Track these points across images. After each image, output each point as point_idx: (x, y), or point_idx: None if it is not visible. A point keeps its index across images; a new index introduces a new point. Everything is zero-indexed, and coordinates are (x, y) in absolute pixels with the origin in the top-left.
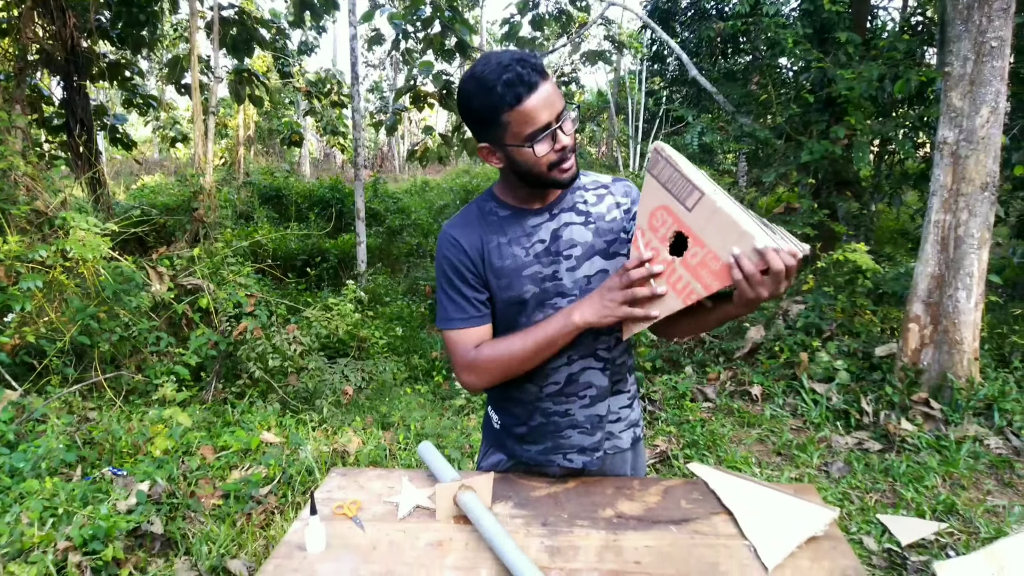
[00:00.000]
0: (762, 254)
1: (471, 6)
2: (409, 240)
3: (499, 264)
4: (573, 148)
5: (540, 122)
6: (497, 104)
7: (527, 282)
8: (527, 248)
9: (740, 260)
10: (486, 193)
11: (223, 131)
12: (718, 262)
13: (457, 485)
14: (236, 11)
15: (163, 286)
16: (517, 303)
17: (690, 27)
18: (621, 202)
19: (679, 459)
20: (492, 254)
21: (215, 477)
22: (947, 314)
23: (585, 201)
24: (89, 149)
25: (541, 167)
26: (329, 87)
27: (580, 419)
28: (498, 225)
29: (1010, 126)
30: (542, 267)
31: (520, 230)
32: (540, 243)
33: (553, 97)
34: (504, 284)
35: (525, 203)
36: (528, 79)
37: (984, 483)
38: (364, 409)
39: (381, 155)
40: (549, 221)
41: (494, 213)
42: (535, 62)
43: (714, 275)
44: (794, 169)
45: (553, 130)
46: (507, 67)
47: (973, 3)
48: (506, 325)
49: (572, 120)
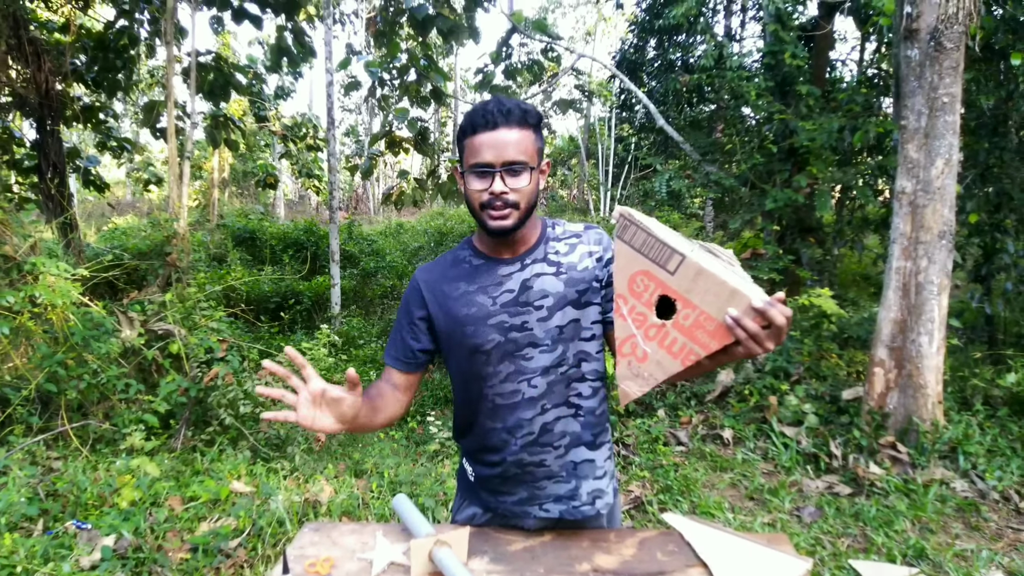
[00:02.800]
0: (762, 312)
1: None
2: (384, 282)
3: (464, 312)
4: (513, 203)
5: (481, 158)
6: (462, 130)
7: (492, 331)
8: (494, 297)
9: (741, 321)
10: (465, 241)
11: (198, 173)
12: (713, 322)
13: (432, 540)
14: (213, 57)
15: (133, 332)
16: (480, 352)
17: (657, 77)
18: (593, 251)
19: (653, 505)
20: (456, 303)
21: (183, 529)
22: (911, 358)
23: (556, 252)
24: (61, 192)
25: (474, 202)
26: (305, 131)
27: (555, 468)
28: (468, 273)
29: (963, 175)
30: (508, 316)
31: (489, 279)
32: (508, 293)
33: (509, 145)
34: (469, 332)
35: (496, 252)
36: (489, 118)
37: (952, 527)
38: (336, 456)
39: (356, 197)
40: (520, 271)
41: (467, 261)
42: (510, 108)
43: (711, 335)
44: (759, 215)
45: (493, 172)
46: (485, 105)
47: (925, 61)
48: (473, 375)
49: (526, 176)
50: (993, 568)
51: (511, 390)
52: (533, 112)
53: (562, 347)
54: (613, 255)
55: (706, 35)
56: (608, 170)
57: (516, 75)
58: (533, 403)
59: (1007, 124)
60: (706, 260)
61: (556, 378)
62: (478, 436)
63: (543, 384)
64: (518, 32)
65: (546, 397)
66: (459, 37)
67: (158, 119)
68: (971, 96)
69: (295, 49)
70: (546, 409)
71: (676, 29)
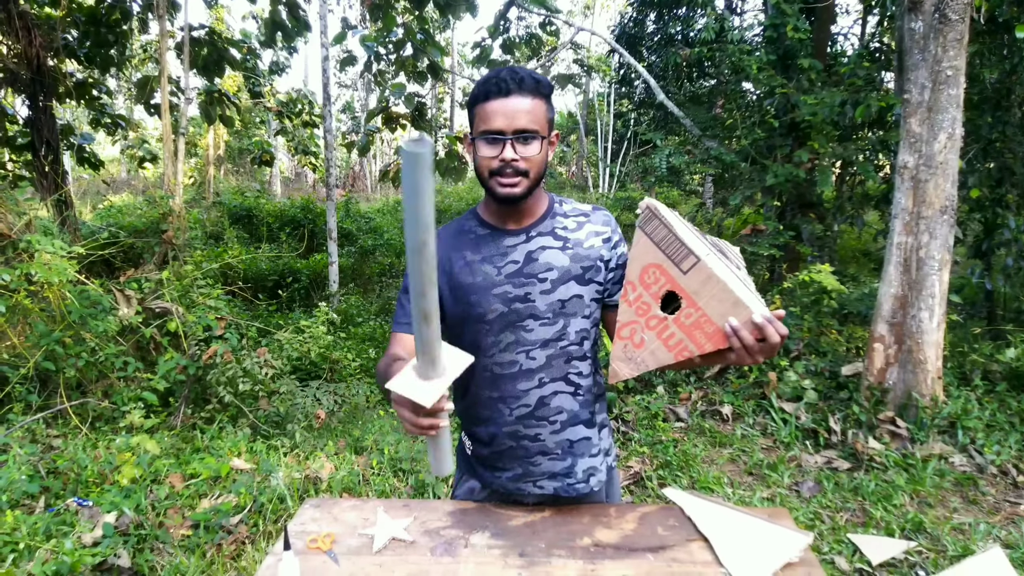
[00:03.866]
0: (760, 328)
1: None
2: (382, 260)
3: (468, 281)
4: (523, 171)
5: (493, 125)
6: (474, 97)
7: (495, 300)
8: (499, 267)
9: (739, 332)
10: (470, 211)
11: (193, 150)
12: (713, 326)
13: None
14: (207, 32)
15: (131, 310)
16: (483, 321)
17: (657, 52)
18: (600, 231)
19: (653, 480)
20: (460, 272)
21: (184, 506)
22: (911, 334)
23: (564, 227)
24: (55, 170)
25: (483, 169)
26: (300, 107)
27: (550, 445)
28: (473, 242)
29: (966, 150)
30: (512, 287)
31: (494, 248)
32: (513, 264)
33: (520, 113)
34: (473, 301)
35: (502, 222)
36: (503, 86)
37: (950, 501)
38: (337, 433)
39: (353, 174)
40: (525, 243)
41: (472, 231)
42: (523, 76)
43: (708, 337)
44: (759, 191)
45: (503, 139)
46: (498, 73)
47: (929, 33)
48: (471, 342)
49: (536, 145)
50: (990, 541)
51: (509, 360)
52: (545, 82)
53: (563, 321)
54: (620, 237)
55: (707, 8)
56: (607, 146)
57: (514, 49)
58: (530, 375)
59: (1010, 98)
60: (718, 266)
61: (555, 352)
62: (472, 405)
63: (542, 357)
64: (516, 5)
65: (544, 370)
66: (456, 10)
67: (152, 95)
68: (974, 69)
69: (290, 23)
70: (544, 383)
71: (676, 2)
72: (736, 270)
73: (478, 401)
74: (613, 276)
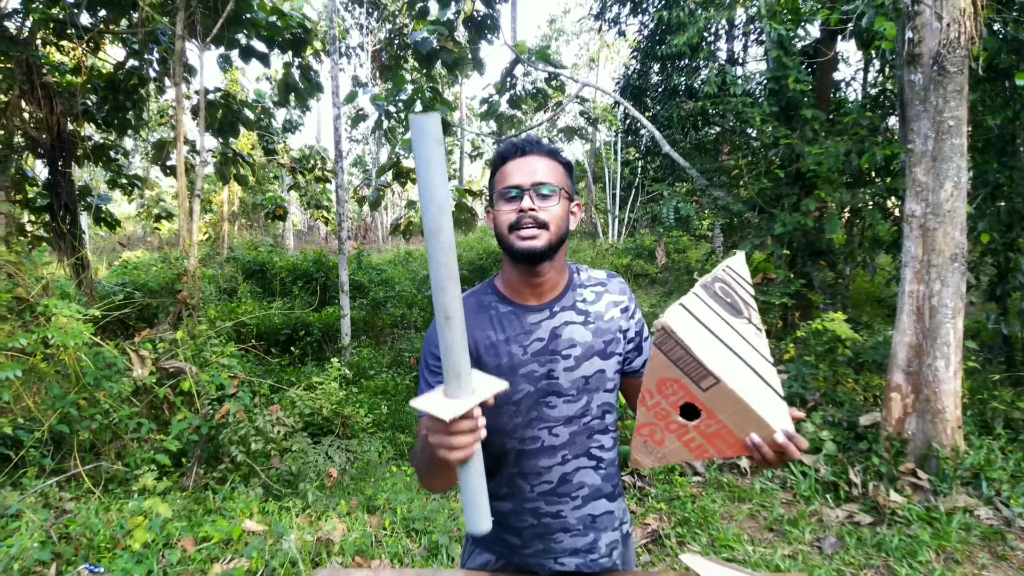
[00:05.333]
0: (782, 446)
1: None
2: (393, 311)
3: (494, 363)
4: (542, 222)
5: (511, 182)
6: (493, 165)
7: (523, 381)
8: (525, 347)
9: (760, 448)
10: (486, 284)
11: (207, 206)
12: (733, 437)
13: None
14: (221, 95)
15: (145, 370)
16: (512, 403)
17: (661, 103)
18: (618, 300)
19: (671, 539)
20: (486, 353)
21: (196, 571)
22: (927, 383)
23: (584, 300)
24: (72, 231)
25: (502, 227)
26: (313, 163)
27: (572, 521)
28: (497, 321)
29: (973, 195)
30: (538, 366)
31: (519, 327)
32: (538, 341)
33: (538, 169)
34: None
35: (523, 298)
36: (520, 146)
37: (978, 556)
38: (349, 491)
39: (364, 226)
40: (549, 319)
41: (493, 308)
42: (539, 140)
43: (728, 446)
44: (768, 239)
45: (522, 192)
46: (513, 142)
47: (929, 85)
48: (499, 426)
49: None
50: None
51: (531, 436)
52: (564, 155)
53: (586, 397)
54: (636, 305)
55: (709, 61)
56: (615, 194)
57: (521, 103)
58: (553, 452)
59: (1015, 143)
60: (738, 383)
61: (579, 428)
62: (494, 483)
63: (565, 434)
64: (521, 62)
65: (567, 447)
66: (463, 69)
67: (168, 156)
68: (977, 116)
69: (302, 84)
70: (566, 460)
71: (679, 55)
72: (754, 339)
73: (499, 478)
74: (632, 345)
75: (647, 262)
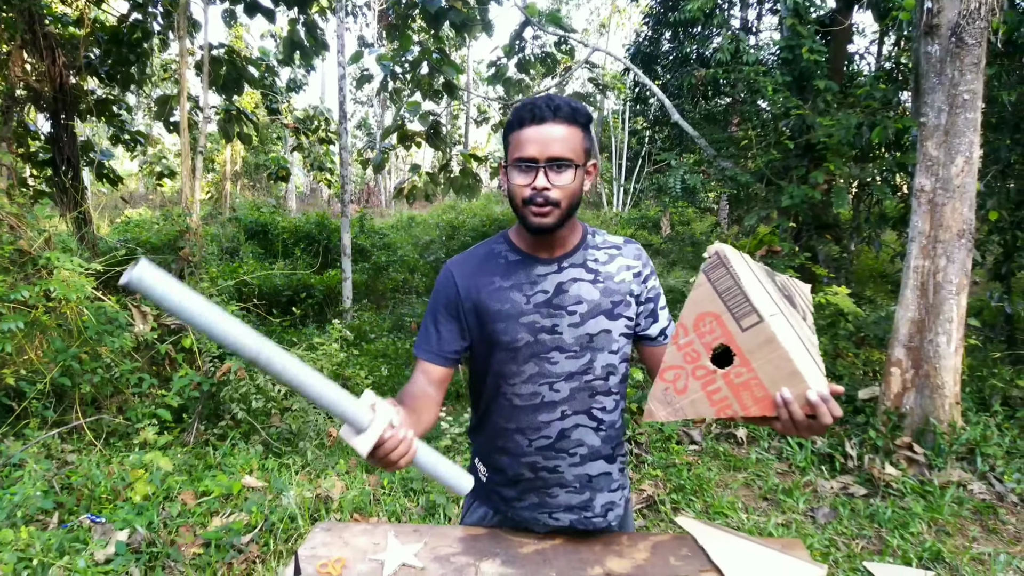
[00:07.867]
0: (814, 406)
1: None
2: (395, 276)
3: (496, 308)
4: (554, 201)
5: (526, 152)
6: (509, 124)
7: (522, 330)
8: (528, 296)
9: (789, 405)
10: (500, 235)
11: (210, 166)
12: (763, 390)
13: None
14: (226, 51)
15: (146, 326)
16: (508, 349)
17: (672, 71)
18: (631, 265)
19: (666, 504)
20: (489, 298)
21: (196, 524)
22: (928, 359)
23: (596, 260)
24: (75, 186)
25: (516, 197)
26: (317, 124)
27: (568, 478)
28: (503, 268)
29: (984, 172)
30: (540, 317)
31: (524, 277)
32: (543, 293)
33: (555, 140)
34: (500, 328)
35: (534, 250)
36: (537, 112)
37: (969, 529)
38: (348, 451)
39: (368, 190)
40: (556, 273)
41: (503, 256)
42: (559, 104)
43: (756, 402)
44: (775, 212)
45: (536, 167)
46: (534, 100)
47: (945, 57)
48: (497, 371)
49: (570, 174)
50: (1011, 572)
51: (531, 391)
52: (583, 110)
53: (589, 355)
54: (652, 271)
55: (722, 28)
56: (622, 163)
57: (529, 68)
58: (553, 407)
59: None
60: (782, 329)
61: (580, 385)
62: (491, 436)
63: (566, 389)
64: (531, 25)
65: (567, 403)
66: (472, 30)
67: (171, 113)
68: (992, 92)
69: (307, 42)
70: (566, 415)
71: (692, 22)
72: (802, 323)
73: (496, 430)
74: (643, 310)
75: (651, 233)
